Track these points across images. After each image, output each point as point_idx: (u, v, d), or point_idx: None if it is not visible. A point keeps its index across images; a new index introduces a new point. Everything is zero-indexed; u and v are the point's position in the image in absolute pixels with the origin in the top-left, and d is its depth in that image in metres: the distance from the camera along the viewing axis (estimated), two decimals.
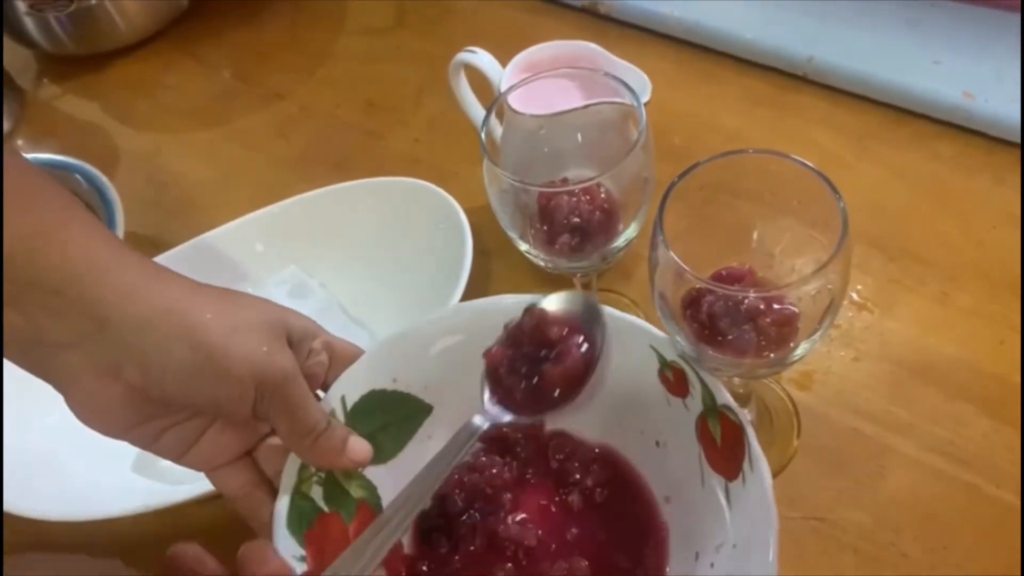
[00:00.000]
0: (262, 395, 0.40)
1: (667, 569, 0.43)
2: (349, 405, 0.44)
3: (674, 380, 0.44)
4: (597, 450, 0.48)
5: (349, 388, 0.45)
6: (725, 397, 0.42)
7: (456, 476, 0.46)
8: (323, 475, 0.43)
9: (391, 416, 0.46)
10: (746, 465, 0.41)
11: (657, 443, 0.46)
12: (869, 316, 0.57)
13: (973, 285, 0.57)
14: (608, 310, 0.46)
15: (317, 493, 0.43)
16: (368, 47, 0.85)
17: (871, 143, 0.67)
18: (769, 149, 0.42)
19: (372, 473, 0.45)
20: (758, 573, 0.38)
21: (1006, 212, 0.60)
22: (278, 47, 0.87)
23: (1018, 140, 0.63)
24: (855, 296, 0.58)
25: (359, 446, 0.43)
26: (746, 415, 0.42)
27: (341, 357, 0.45)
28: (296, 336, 0.42)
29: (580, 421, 0.48)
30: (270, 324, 0.41)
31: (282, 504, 0.41)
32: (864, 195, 0.62)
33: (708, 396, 0.43)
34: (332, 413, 0.44)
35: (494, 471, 0.47)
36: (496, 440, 0.48)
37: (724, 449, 0.42)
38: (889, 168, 0.65)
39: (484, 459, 0.47)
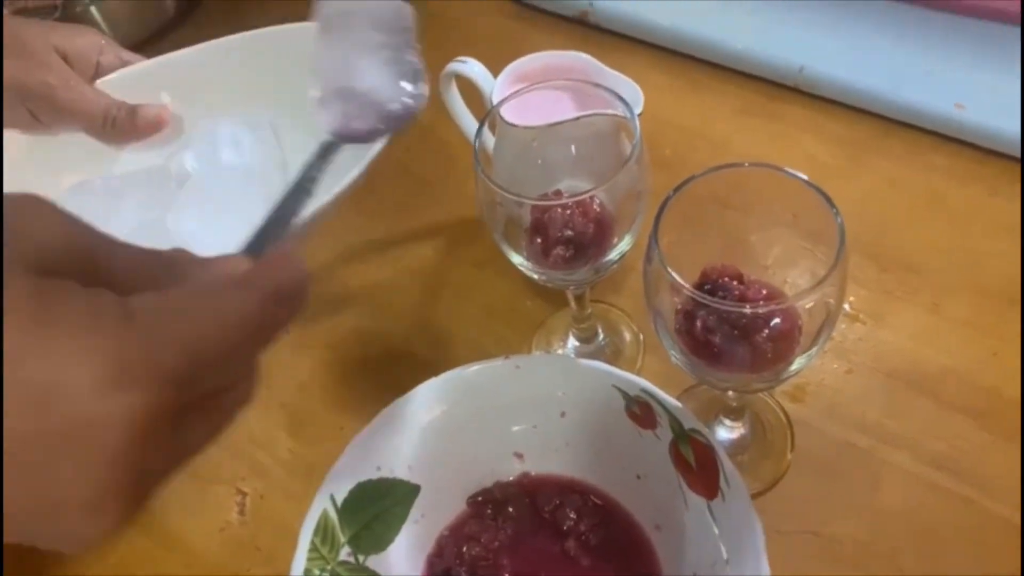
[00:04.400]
0: (34, 105, 0.50)
1: None
2: (339, 502, 0.45)
3: (641, 414, 0.46)
4: (583, 494, 0.49)
5: (336, 486, 0.45)
6: (692, 421, 0.44)
7: (455, 549, 0.47)
8: (328, 574, 0.43)
9: (382, 504, 0.47)
10: (722, 482, 0.42)
11: (638, 476, 0.47)
12: (862, 327, 0.57)
13: (966, 296, 0.57)
14: (572, 360, 0.49)
15: None
16: None
17: (863, 153, 0.66)
18: (764, 162, 0.41)
19: (374, 562, 0.45)
20: None
21: (999, 223, 0.60)
22: None
23: (1008, 151, 0.63)
24: (848, 307, 0.57)
25: (149, 112, 0.55)
26: (713, 435, 0.44)
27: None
28: (75, 54, 0.52)
29: (562, 467, 0.49)
30: (35, 48, 0.50)
31: None
32: (856, 205, 0.62)
33: (675, 423, 0.44)
34: (323, 513, 0.44)
35: (489, 535, 0.48)
36: (486, 503, 0.49)
37: (700, 471, 0.44)
38: (881, 178, 0.65)
39: (478, 526, 0.48)
